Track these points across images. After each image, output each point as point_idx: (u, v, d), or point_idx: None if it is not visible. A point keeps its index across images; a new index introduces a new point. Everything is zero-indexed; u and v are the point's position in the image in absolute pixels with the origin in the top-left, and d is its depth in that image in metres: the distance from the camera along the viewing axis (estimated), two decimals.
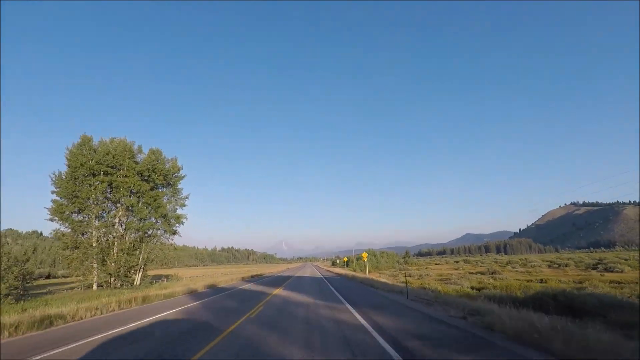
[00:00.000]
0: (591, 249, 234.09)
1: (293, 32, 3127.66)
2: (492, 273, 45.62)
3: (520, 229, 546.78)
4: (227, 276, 41.38)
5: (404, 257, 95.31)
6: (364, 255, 37.83)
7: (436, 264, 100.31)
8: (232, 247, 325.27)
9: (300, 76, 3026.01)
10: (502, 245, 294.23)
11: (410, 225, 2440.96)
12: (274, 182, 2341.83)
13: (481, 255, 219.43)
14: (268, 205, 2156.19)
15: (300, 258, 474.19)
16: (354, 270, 57.37)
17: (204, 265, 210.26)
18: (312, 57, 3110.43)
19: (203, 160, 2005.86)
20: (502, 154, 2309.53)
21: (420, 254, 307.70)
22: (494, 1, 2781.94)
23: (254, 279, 38.93)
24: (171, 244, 33.10)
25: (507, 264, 76.56)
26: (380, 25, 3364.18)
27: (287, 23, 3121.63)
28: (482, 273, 47.49)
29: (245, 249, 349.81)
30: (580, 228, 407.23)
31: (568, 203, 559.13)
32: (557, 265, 58.46)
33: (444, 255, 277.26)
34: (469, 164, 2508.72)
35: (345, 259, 51.87)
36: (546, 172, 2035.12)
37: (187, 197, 33.83)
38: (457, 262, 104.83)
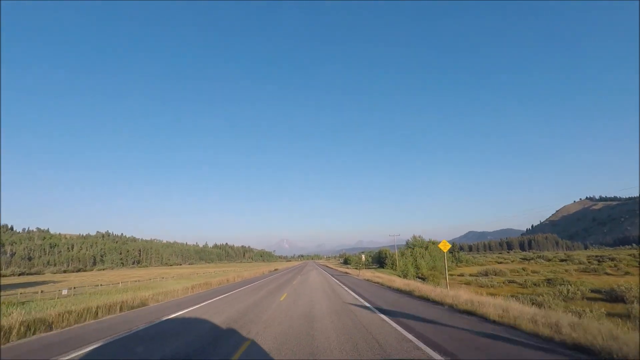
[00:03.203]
0: (634, 245, 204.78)
1: (294, 28, 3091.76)
2: None
3: (532, 226, 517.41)
4: None
5: (452, 253, 67.09)
6: None
7: (498, 263, 71.58)
8: (226, 243, 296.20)
9: (298, 72, 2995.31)
10: (525, 242, 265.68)
11: (410, 223, 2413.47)
12: (275, 181, 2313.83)
13: (508, 253, 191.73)
14: (269, 205, 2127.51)
15: (302, 256, 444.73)
16: (417, 278, 28.18)
17: (189, 264, 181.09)
18: (308, 52, 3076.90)
19: (203, 160, 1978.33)
20: (504, 152, 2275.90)
21: None
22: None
23: None
24: None
25: (598, 263, 47.76)
26: (383, 19, 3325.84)
27: (288, 20, 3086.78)
28: None
29: (242, 246, 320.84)
30: (602, 223, 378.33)
31: (583, 198, 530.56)
32: None
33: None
34: (470, 162, 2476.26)
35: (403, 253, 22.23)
36: (551, 169, 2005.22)
37: None
38: (525, 259, 75.78)
